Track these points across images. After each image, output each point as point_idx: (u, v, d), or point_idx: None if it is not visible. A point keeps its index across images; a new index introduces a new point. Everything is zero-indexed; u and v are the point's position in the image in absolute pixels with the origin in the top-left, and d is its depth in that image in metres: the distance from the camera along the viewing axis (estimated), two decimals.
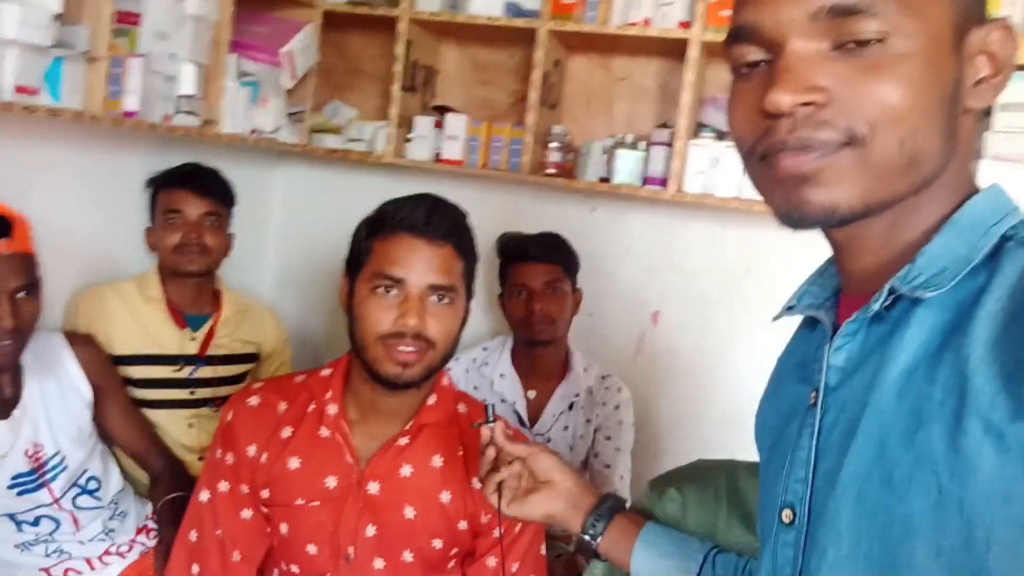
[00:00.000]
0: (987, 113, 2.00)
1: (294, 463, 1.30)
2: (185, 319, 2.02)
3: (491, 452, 1.10)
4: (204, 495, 1.35)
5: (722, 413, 2.41)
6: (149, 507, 1.87)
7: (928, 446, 0.58)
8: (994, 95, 0.65)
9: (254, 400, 1.35)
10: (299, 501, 1.30)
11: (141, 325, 1.96)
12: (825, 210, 0.62)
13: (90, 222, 2.01)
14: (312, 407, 1.33)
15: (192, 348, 2.01)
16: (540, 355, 2.14)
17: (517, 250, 2.11)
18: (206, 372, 2.03)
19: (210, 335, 2.04)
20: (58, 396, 1.69)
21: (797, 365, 0.79)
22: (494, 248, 2.24)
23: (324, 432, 1.31)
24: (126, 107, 1.75)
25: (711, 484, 1.20)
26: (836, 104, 0.61)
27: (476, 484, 1.31)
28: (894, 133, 0.60)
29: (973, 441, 0.56)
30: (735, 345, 2.36)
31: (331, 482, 1.29)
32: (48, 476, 1.64)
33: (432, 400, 1.34)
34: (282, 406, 1.34)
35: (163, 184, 1.98)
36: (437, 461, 1.31)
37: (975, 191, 0.68)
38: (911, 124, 0.60)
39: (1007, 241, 0.63)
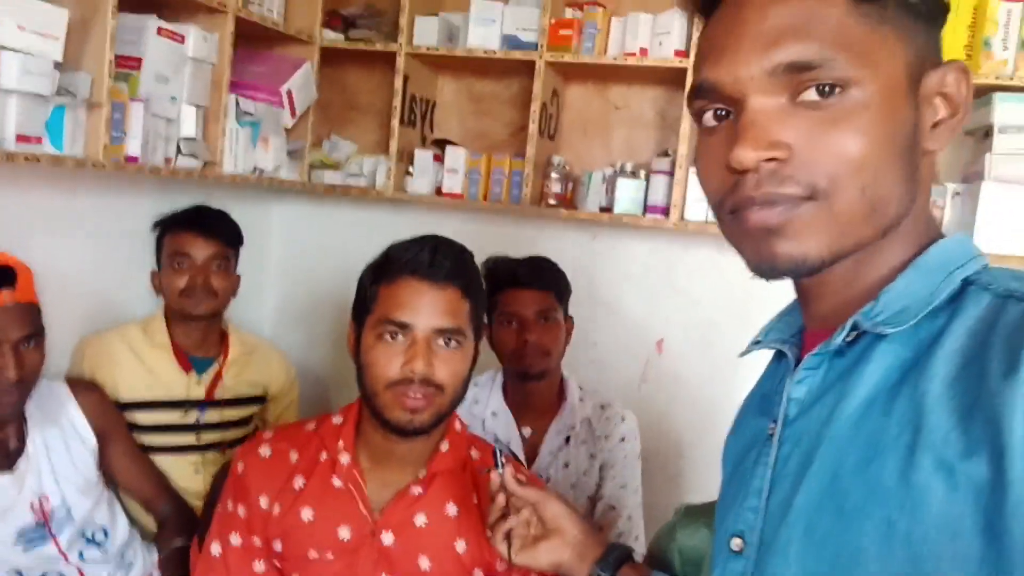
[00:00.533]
0: (986, 135, 2.02)
1: (307, 514, 1.28)
2: (191, 362, 2.00)
3: (501, 499, 1.09)
4: (216, 548, 1.32)
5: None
6: (155, 555, 1.84)
7: (880, 478, 0.60)
8: (951, 136, 0.67)
9: (265, 450, 1.33)
10: (312, 554, 1.27)
11: (147, 370, 1.94)
12: (795, 261, 0.64)
13: (92, 267, 2.00)
14: (324, 456, 1.31)
15: (198, 392, 1.99)
16: (533, 389, 1.95)
17: (506, 275, 1.90)
18: (212, 416, 2.01)
19: (217, 378, 2.02)
20: (62, 446, 1.67)
21: (761, 397, 0.81)
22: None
23: (337, 482, 1.29)
24: (128, 152, 1.75)
25: None
26: (798, 159, 0.62)
27: (459, 546, 1.28)
28: (855, 183, 0.62)
29: (924, 476, 0.57)
30: (739, 371, 2.34)
31: (344, 533, 1.27)
32: (55, 528, 1.61)
33: (445, 447, 1.32)
34: (293, 455, 1.32)
35: (170, 227, 1.97)
36: (452, 510, 1.29)
37: (939, 235, 0.69)
38: (871, 173, 0.62)
39: (969, 285, 0.64)
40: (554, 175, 2.27)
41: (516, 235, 2.54)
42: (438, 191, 2.38)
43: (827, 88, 0.62)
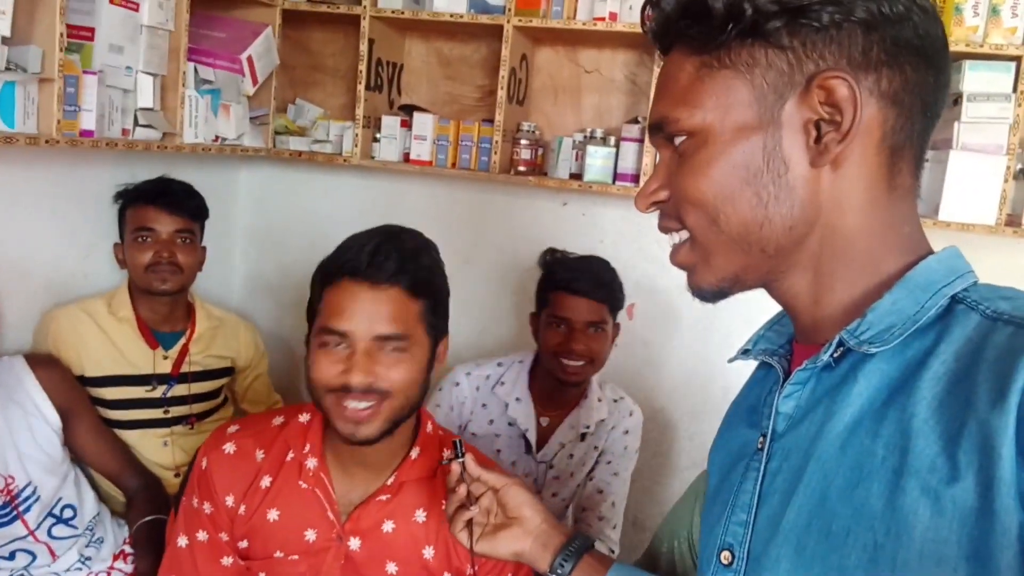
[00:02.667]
0: (955, 102, 2.01)
1: (273, 515, 1.25)
2: (157, 337, 1.97)
3: (462, 490, 1.07)
4: (182, 540, 1.30)
5: (696, 404, 2.43)
6: (126, 530, 1.84)
7: (867, 502, 0.61)
8: (838, 147, 0.65)
9: (230, 447, 1.29)
10: (278, 554, 1.26)
11: (112, 345, 1.91)
12: (699, 291, 0.73)
13: (51, 242, 1.95)
14: (291, 456, 1.27)
15: (165, 367, 1.97)
16: (563, 387, 1.94)
17: (564, 279, 1.87)
18: (180, 390, 1.99)
19: (183, 353, 2.00)
20: (25, 425, 1.65)
21: (748, 408, 0.81)
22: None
23: (304, 485, 1.26)
24: (83, 126, 1.69)
25: None
26: (671, 203, 0.73)
27: (427, 552, 1.26)
28: (703, 218, 0.69)
29: (910, 500, 0.58)
30: (708, 337, 2.37)
31: (311, 535, 1.25)
32: (21, 508, 1.61)
33: (415, 454, 1.28)
34: (259, 454, 1.28)
35: (132, 200, 1.91)
36: (420, 516, 1.26)
37: (929, 251, 0.70)
38: (714, 205, 0.68)
39: (958, 303, 0.65)
40: (524, 141, 2.24)
41: (486, 202, 2.52)
42: (406, 158, 2.34)
43: (681, 139, 0.70)
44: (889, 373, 0.64)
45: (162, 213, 1.89)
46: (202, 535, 1.29)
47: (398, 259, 1.15)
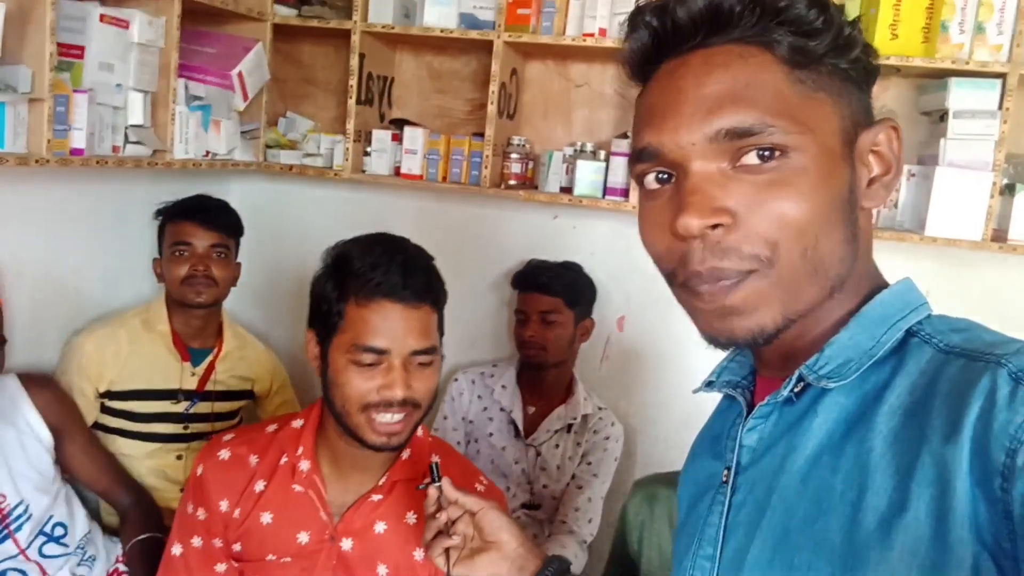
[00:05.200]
0: (941, 119, 2.03)
1: (266, 518, 1.29)
2: (188, 352, 2.03)
3: (443, 517, 1.08)
4: (177, 549, 1.34)
5: (686, 415, 2.43)
6: (119, 547, 1.84)
7: (826, 535, 0.61)
8: (887, 193, 0.68)
9: (224, 453, 1.33)
10: (270, 557, 1.29)
11: (143, 358, 1.97)
12: (753, 334, 0.65)
13: (41, 258, 1.95)
14: (284, 460, 1.31)
15: (191, 383, 2.02)
16: (542, 377, 2.26)
17: (526, 279, 2.25)
18: (203, 407, 2.04)
19: (209, 370, 2.05)
20: (17, 444, 1.66)
21: (712, 439, 0.82)
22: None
23: (297, 487, 1.29)
24: (73, 145, 1.70)
25: None
26: (741, 227, 0.63)
27: (418, 554, 1.28)
28: (797, 247, 0.62)
29: (865, 535, 0.59)
30: (697, 350, 2.38)
31: (303, 537, 1.28)
32: (12, 527, 1.61)
33: (406, 455, 1.32)
34: (253, 459, 1.32)
35: (172, 216, 2.00)
36: (411, 518, 1.30)
37: (883, 284, 0.70)
38: (812, 235, 0.63)
39: (912, 336, 0.66)
40: (514, 155, 2.25)
41: (477, 216, 2.53)
42: (397, 171, 2.35)
43: (767, 153, 0.62)
44: (847, 407, 0.65)
45: (199, 228, 1.97)
46: (197, 541, 1.32)
47: (424, 277, 1.23)
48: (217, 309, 2.09)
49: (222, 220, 2.03)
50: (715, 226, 0.63)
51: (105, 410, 1.96)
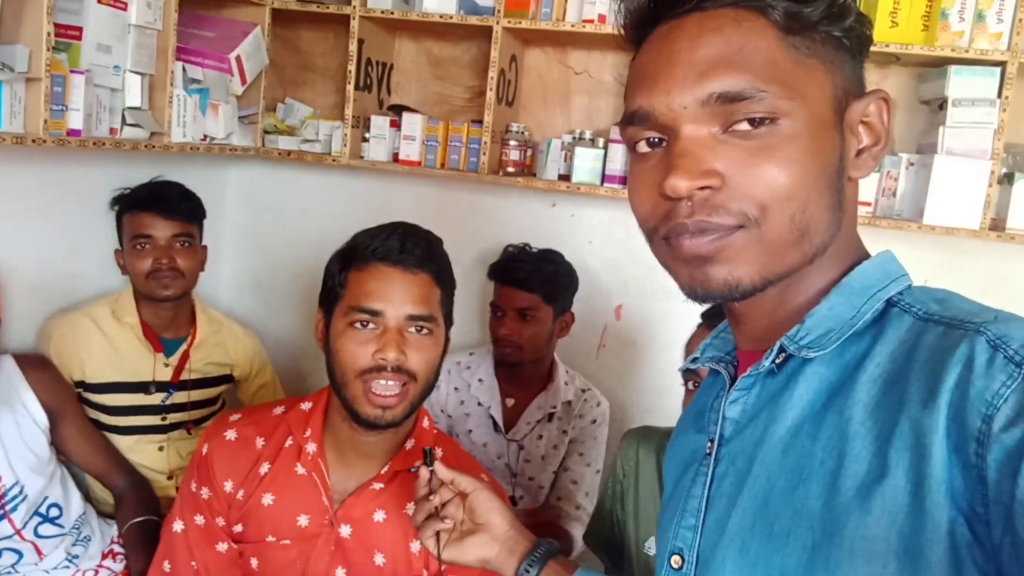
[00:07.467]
0: (941, 107, 2.02)
1: (268, 499, 1.28)
2: (161, 343, 1.97)
3: (435, 500, 1.07)
4: (178, 525, 1.33)
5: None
6: (114, 529, 1.85)
7: (806, 503, 0.62)
8: (874, 163, 0.69)
9: (231, 434, 1.32)
10: (270, 538, 1.28)
11: (114, 351, 1.90)
12: (728, 286, 0.65)
13: (37, 241, 1.95)
14: (290, 442, 1.31)
15: (165, 375, 1.96)
16: (520, 369, 2.13)
17: (496, 270, 2.11)
18: (179, 398, 1.98)
19: (184, 359, 1.99)
20: (13, 425, 1.66)
21: (696, 415, 0.82)
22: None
23: (300, 469, 1.29)
24: (70, 125, 1.69)
25: None
26: (729, 187, 0.63)
27: (415, 546, 1.27)
28: (784, 211, 0.63)
29: (845, 501, 0.59)
30: None
31: (303, 521, 1.27)
32: (8, 507, 1.61)
33: (410, 444, 1.31)
34: (259, 441, 1.32)
35: (128, 207, 1.90)
36: (411, 509, 1.27)
37: (865, 256, 0.71)
38: (800, 201, 0.63)
39: (892, 306, 0.66)
40: (512, 142, 2.24)
41: (475, 202, 2.53)
42: (395, 158, 2.35)
43: (758, 119, 0.63)
44: (828, 377, 0.65)
45: (158, 219, 1.88)
46: (199, 519, 1.31)
47: (425, 248, 1.23)
48: (187, 297, 2.01)
49: (182, 207, 1.91)
50: (703, 188, 0.63)
51: (82, 401, 1.90)
